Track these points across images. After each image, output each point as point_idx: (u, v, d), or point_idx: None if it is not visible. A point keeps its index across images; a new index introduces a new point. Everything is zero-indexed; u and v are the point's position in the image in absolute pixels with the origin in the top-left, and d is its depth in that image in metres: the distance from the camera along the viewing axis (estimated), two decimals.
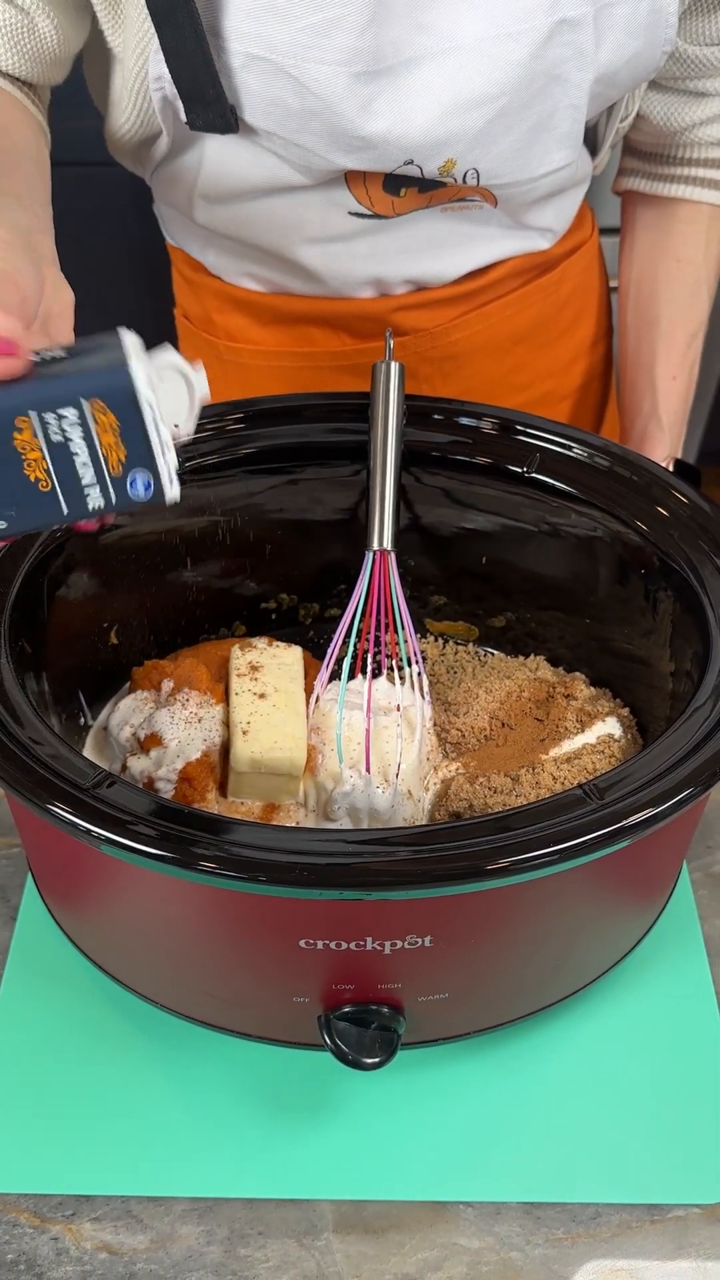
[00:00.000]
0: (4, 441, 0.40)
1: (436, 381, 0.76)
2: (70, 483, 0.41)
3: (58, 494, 0.41)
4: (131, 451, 0.41)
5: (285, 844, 0.43)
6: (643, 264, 0.78)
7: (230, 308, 0.76)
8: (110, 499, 0.42)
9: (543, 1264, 0.49)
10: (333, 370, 0.76)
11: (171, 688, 0.60)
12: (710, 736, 0.47)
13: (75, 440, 0.40)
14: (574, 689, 0.63)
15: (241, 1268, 0.49)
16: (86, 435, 0.40)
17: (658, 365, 0.76)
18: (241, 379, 0.78)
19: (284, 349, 0.76)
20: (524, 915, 0.48)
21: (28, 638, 0.54)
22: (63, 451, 0.40)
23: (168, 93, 0.61)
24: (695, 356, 0.77)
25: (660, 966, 0.59)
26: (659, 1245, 0.50)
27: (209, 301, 0.77)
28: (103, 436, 0.41)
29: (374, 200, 0.66)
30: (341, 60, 0.57)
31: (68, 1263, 0.49)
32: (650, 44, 0.63)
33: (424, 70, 0.58)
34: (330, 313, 0.73)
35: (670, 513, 0.58)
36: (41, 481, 0.41)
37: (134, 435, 0.41)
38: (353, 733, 0.58)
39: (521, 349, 0.77)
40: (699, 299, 0.77)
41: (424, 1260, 0.49)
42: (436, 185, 0.65)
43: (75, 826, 0.43)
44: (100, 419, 0.40)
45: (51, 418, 0.40)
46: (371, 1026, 0.49)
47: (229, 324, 0.77)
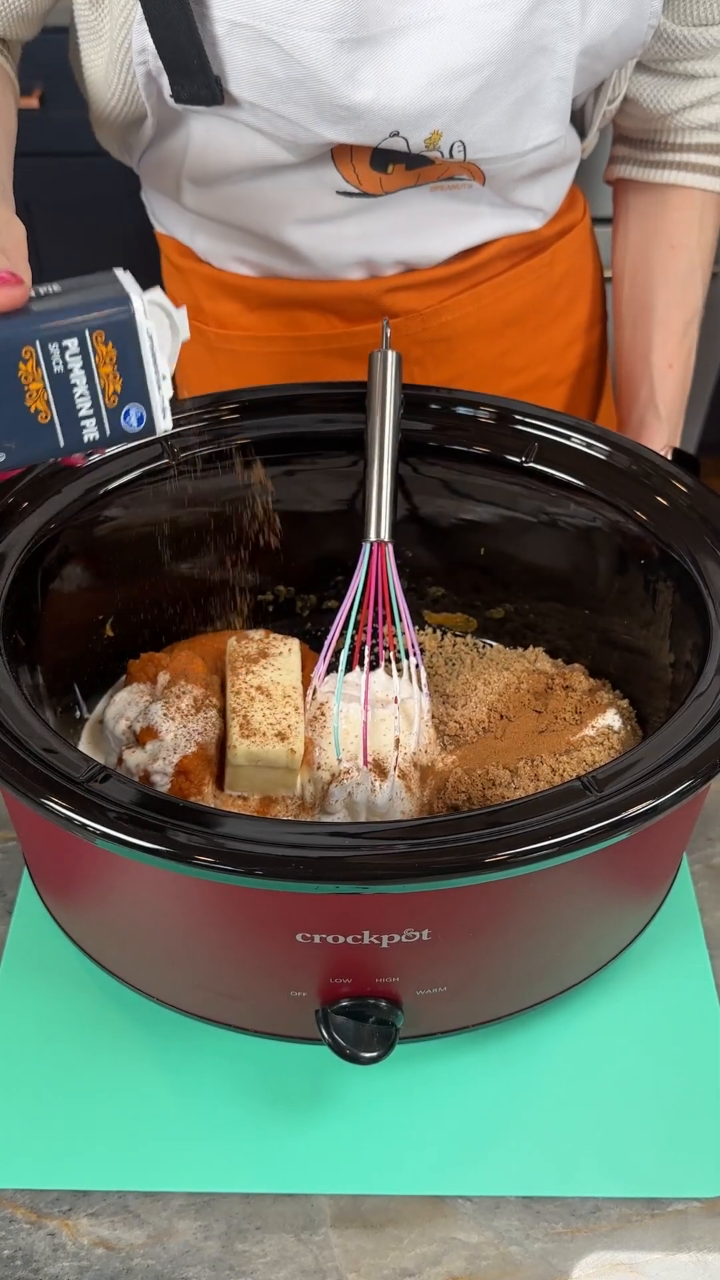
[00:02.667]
0: (9, 372, 0.40)
1: (429, 364, 0.76)
2: (68, 415, 0.42)
3: (56, 426, 0.42)
4: (127, 384, 0.42)
5: (282, 837, 0.42)
6: (636, 252, 0.78)
7: (220, 293, 0.76)
8: (105, 431, 0.43)
9: (542, 1258, 0.49)
10: (324, 354, 0.76)
11: (168, 680, 0.59)
12: (710, 728, 0.46)
13: (75, 371, 0.41)
14: (573, 681, 0.63)
15: (239, 1262, 0.49)
16: (86, 366, 0.41)
17: (654, 353, 0.76)
18: (232, 366, 0.78)
19: (274, 334, 0.75)
20: (522, 909, 0.47)
21: (22, 630, 0.53)
22: (63, 383, 0.41)
23: (151, 67, 0.60)
24: (691, 344, 0.77)
25: (660, 959, 0.59)
26: (659, 1239, 0.50)
27: (198, 288, 0.77)
28: (101, 368, 0.42)
29: (361, 178, 0.66)
30: (325, 26, 0.56)
31: (64, 1258, 0.49)
32: (636, 16, 0.62)
33: (409, 39, 0.58)
34: (320, 295, 0.73)
35: (670, 502, 0.58)
36: (41, 413, 0.42)
37: (130, 368, 0.42)
38: (350, 725, 0.58)
39: (514, 331, 0.77)
40: (693, 285, 0.76)
41: (422, 1255, 0.49)
42: (424, 162, 0.65)
43: (70, 821, 0.43)
44: (100, 350, 0.41)
45: (55, 348, 0.41)
46: (369, 1020, 0.48)
47: (219, 310, 0.76)
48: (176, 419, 0.61)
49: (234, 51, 0.58)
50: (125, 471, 0.59)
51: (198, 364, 0.80)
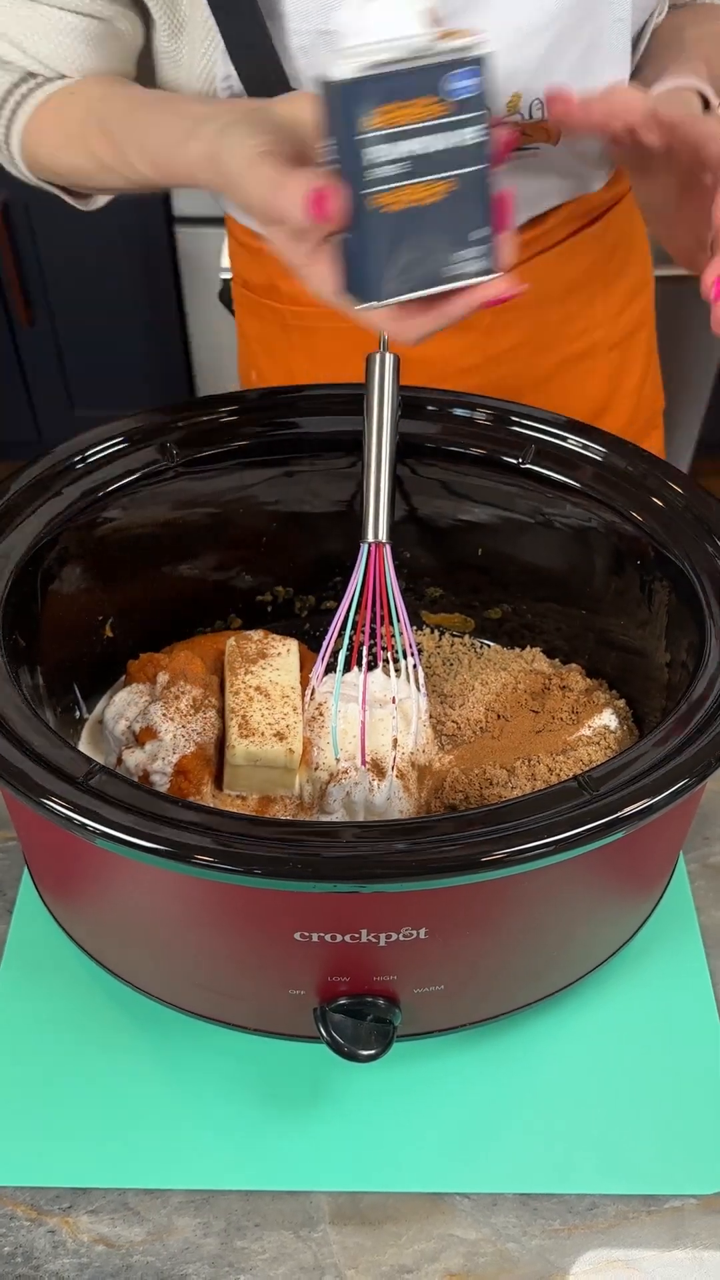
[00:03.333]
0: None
1: (497, 332, 0.77)
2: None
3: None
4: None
5: (280, 837, 0.43)
6: (665, 27, 0.74)
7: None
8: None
9: (539, 1255, 0.49)
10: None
11: (167, 681, 0.60)
12: (706, 727, 0.47)
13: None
14: (570, 681, 0.63)
15: (238, 1259, 0.49)
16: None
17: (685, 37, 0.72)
18: (304, 342, 0.79)
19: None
20: (519, 907, 0.47)
21: (22, 631, 0.53)
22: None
23: (235, 88, 0.61)
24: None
25: (657, 957, 0.59)
26: (656, 1236, 0.50)
27: (272, 268, 0.77)
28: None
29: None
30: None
31: (64, 1255, 0.49)
32: None
33: (484, 9, 0.59)
34: None
35: (666, 503, 0.58)
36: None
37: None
38: (348, 725, 0.58)
39: (574, 299, 0.78)
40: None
41: (421, 1251, 0.50)
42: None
43: (69, 820, 0.43)
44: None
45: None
46: (367, 1019, 0.49)
47: (294, 288, 0.77)
48: (177, 421, 0.61)
49: (315, 64, 0.59)
50: (125, 473, 0.59)
51: (269, 342, 0.81)
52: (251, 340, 0.84)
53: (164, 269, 1.60)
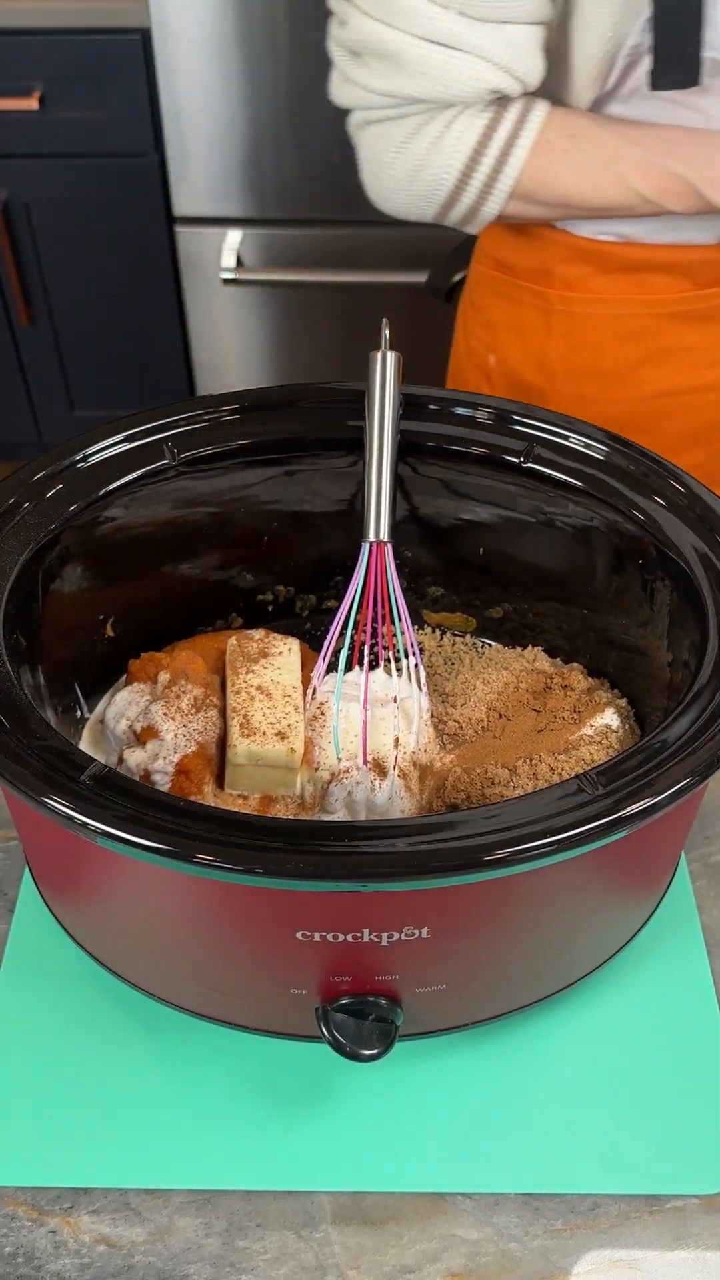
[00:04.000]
0: None
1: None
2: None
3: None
4: None
5: (281, 836, 0.43)
6: None
7: (574, 258, 0.78)
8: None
9: (541, 1255, 0.49)
10: (669, 317, 0.78)
11: (168, 680, 0.60)
12: (707, 726, 0.46)
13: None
14: (571, 680, 0.63)
15: (240, 1259, 0.49)
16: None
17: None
18: (565, 328, 0.80)
19: (623, 296, 0.78)
20: (521, 907, 0.47)
21: (23, 630, 0.53)
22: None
23: (636, 57, 0.63)
24: None
25: (659, 957, 0.59)
26: (657, 1236, 0.50)
27: (549, 252, 0.79)
28: None
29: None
30: None
31: (66, 1255, 0.49)
32: None
33: None
34: (673, 260, 0.75)
35: (667, 502, 0.58)
36: None
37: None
38: (350, 725, 0.58)
39: None
40: None
41: (422, 1251, 0.49)
42: None
43: (71, 819, 0.43)
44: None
45: None
46: (369, 1018, 0.49)
47: (568, 274, 0.79)
48: (177, 421, 0.61)
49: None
50: (126, 472, 0.59)
51: (524, 327, 0.83)
52: (500, 327, 0.85)
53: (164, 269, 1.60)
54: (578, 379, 0.83)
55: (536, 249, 0.79)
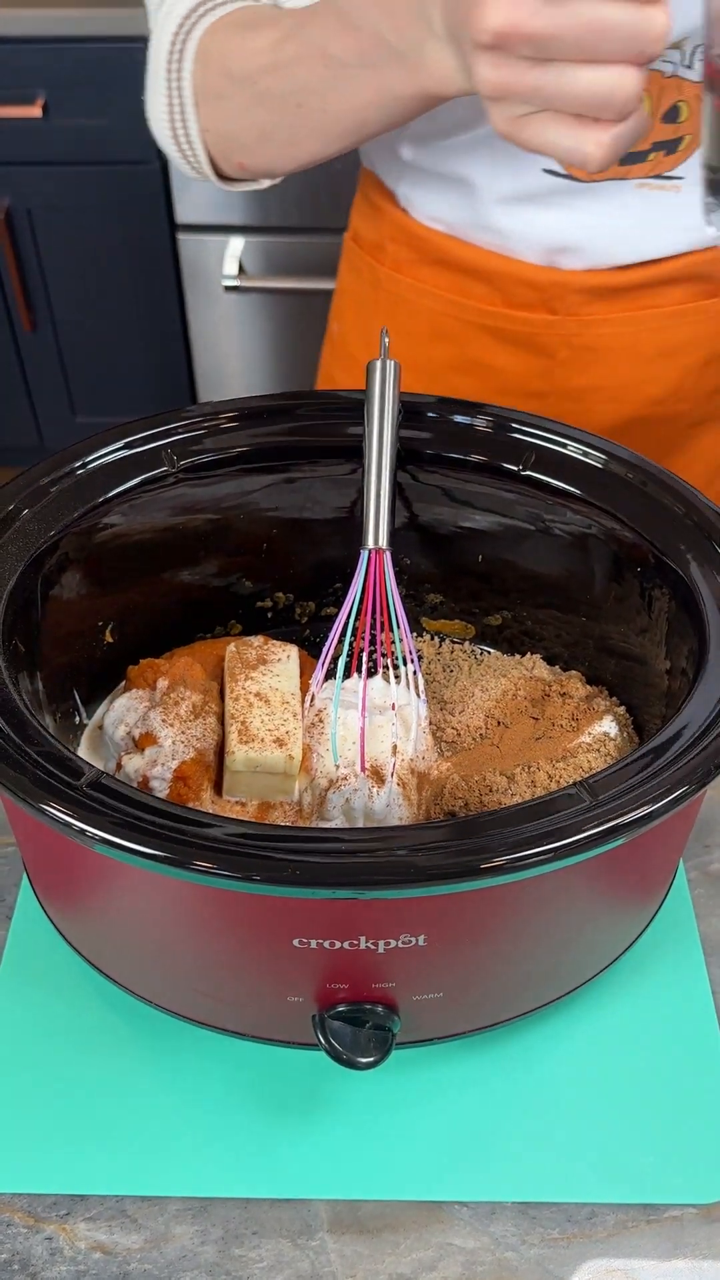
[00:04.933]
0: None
1: (573, 367, 0.76)
2: None
3: None
4: None
5: (279, 843, 0.43)
6: None
7: (404, 239, 0.77)
8: None
9: (538, 1264, 0.49)
10: (477, 327, 0.76)
11: (167, 686, 0.60)
12: (705, 734, 0.47)
13: None
14: (570, 687, 0.63)
15: (236, 1267, 0.49)
16: None
17: None
18: (391, 307, 0.79)
19: (440, 292, 0.76)
20: (518, 914, 0.47)
21: (22, 636, 0.54)
22: None
23: None
24: None
25: (657, 965, 0.59)
26: (655, 1245, 0.50)
27: (385, 229, 0.78)
28: None
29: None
30: None
31: (62, 1262, 0.49)
32: None
33: None
34: (495, 270, 0.73)
35: (666, 509, 0.58)
36: None
37: None
38: (348, 732, 0.58)
39: (663, 363, 0.76)
40: None
41: (419, 1260, 0.49)
42: (637, 158, 0.65)
43: (68, 826, 0.43)
44: None
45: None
46: (366, 1026, 0.49)
47: (398, 254, 0.77)
48: (176, 428, 0.62)
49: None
50: (126, 479, 0.59)
51: (359, 297, 0.82)
52: (345, 294, 0.85)
53: (166, 275, 1.61)
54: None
55: (376, 222, 0.78)
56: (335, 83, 0.50)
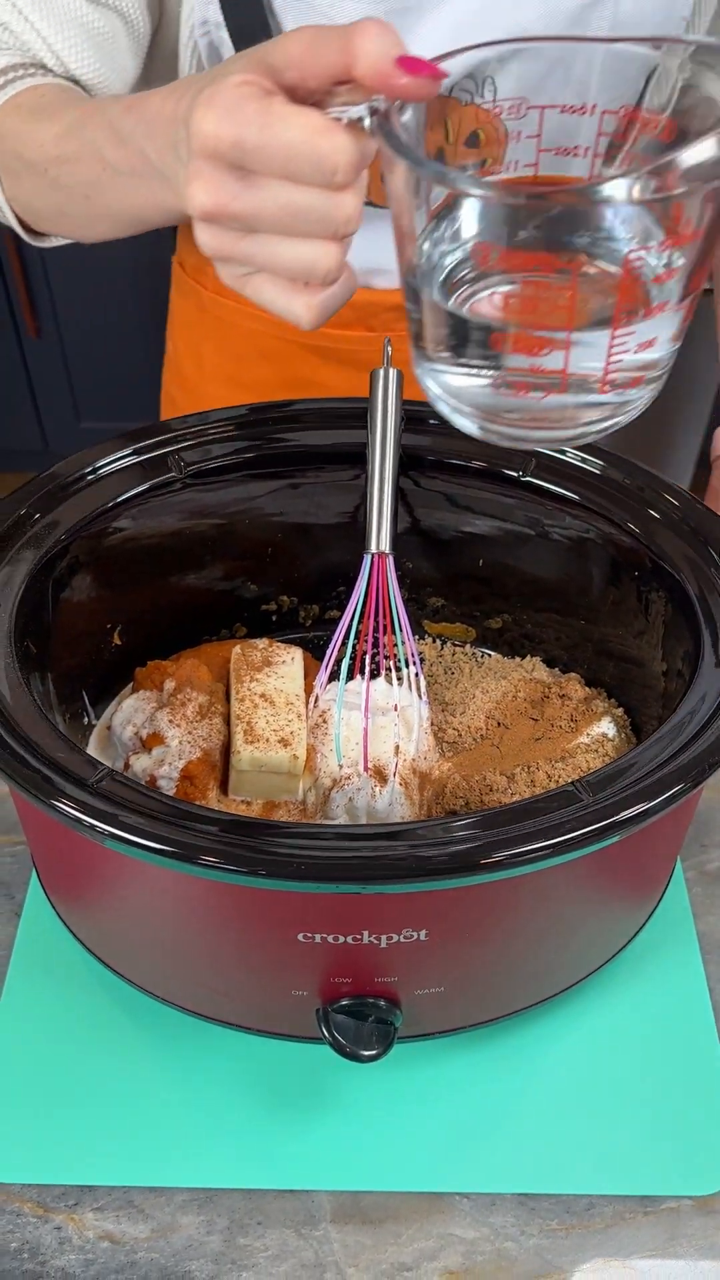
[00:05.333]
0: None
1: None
2: None
3: None
4: None
5: (284, 839, 0.44)
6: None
7: None
8: None
9: (537, 1254, 0.50)
10: (300, 347, 0.77)
11: (173, 687, 0.61)
12: (700, 733, 0.48)
13: None
14: (569, 689, 0.64)
15: (241, 1257, 0.50)
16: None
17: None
18: (217, 331, 0.80)
19: (260, 313, 0.76)
20: (517, 911, 0.48)
21: (33, 638, 0.55)
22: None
23: (214, 38, 0.61)
24: None
25: (655, 962, 0.60)
26: (652, 1236, 0.51)
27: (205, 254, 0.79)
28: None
29: (372, 188, 0.67)
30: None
31: (70, 1251, 0.50)
32: (668, 10, 0.64)
33: (450, 5, 0.60)
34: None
35: (662, 515, 0.59)
36: None
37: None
38: (351, 732, 0.59)
39: None
40: None
41: (420, 1250, 0.50)
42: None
43: (80, 822, 0.44)
44: None
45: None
46: (369, 1019, 0.49)
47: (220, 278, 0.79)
48: (183, 435, 0.63)
49: (286, 25, 0.59)
50: (135, 484, 0.60)
51: (188, 319, 0.83)
52: (176, 316, 0.86)
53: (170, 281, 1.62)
54: (227, 384, 0.82)
55: (196, 247, 0.79)
56: (113, 185, 0.52)
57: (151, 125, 0.47)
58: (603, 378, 0.41)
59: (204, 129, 0.38)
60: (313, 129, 0.37)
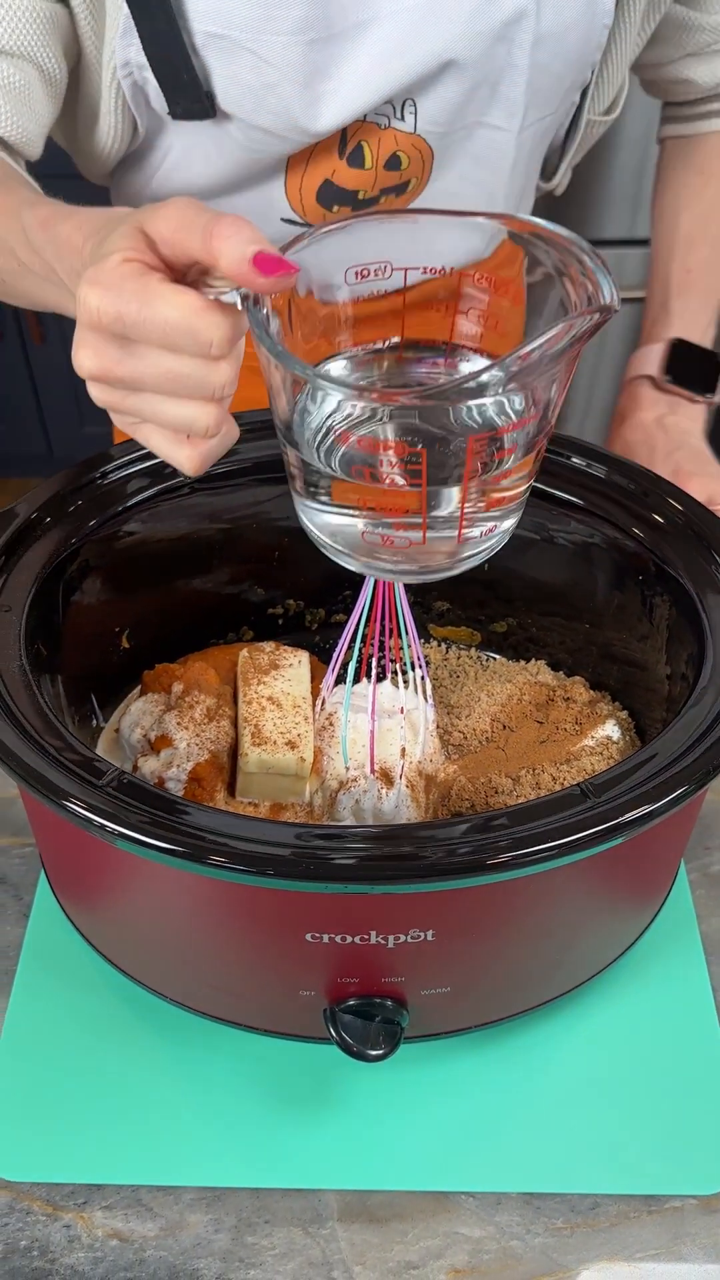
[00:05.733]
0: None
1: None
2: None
3: None
4: None
5: (292, 840, 0.44)
6: (671, 190, 0.83)
7: None
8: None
9: (542, 1252, 0.51)
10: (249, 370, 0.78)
11: (181, 690, 0.61)
12: (704, 736, 0.48)
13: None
14: (573, 692, 0.65)
15: (248, 1255, 0.50)
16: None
17: (673, 262, 0.80)
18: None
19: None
20: (523, 911, 0.49)
21: (44, 641, 0.55)
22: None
23: (136, 78, 0.62)
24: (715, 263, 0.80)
25: (659, 963, 0.60)
26: (656, 1235, 0.51)
27: None
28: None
29: (306, 210, 0.68)
30: (295, 30, 0.59)
31: (79, 1249, 0.50)
32: (590, 14, 0.65)
33: (373, 31, 0.60)
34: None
35: (666, 519, 0.59)
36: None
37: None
38: (357, 735, 0.60)
39: None
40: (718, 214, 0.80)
41: (426, 1249, 0.51)
42: (369, 204, 0.68)
43: (90, 822, 0.44)
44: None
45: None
46: (376, 1019, 0.50)
47: None
48: None
49: (211, 62, 0.60)
50: (144, 489, 0.61)
51: None
52: None
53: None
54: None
55: None
56: (26, 278, 0.55)
57: (60, 249, 0.49)
58: (459, 528, 0.45)
59: (89, 304, 0.40)
60: (189, 309, 0.40)
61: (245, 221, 0.41)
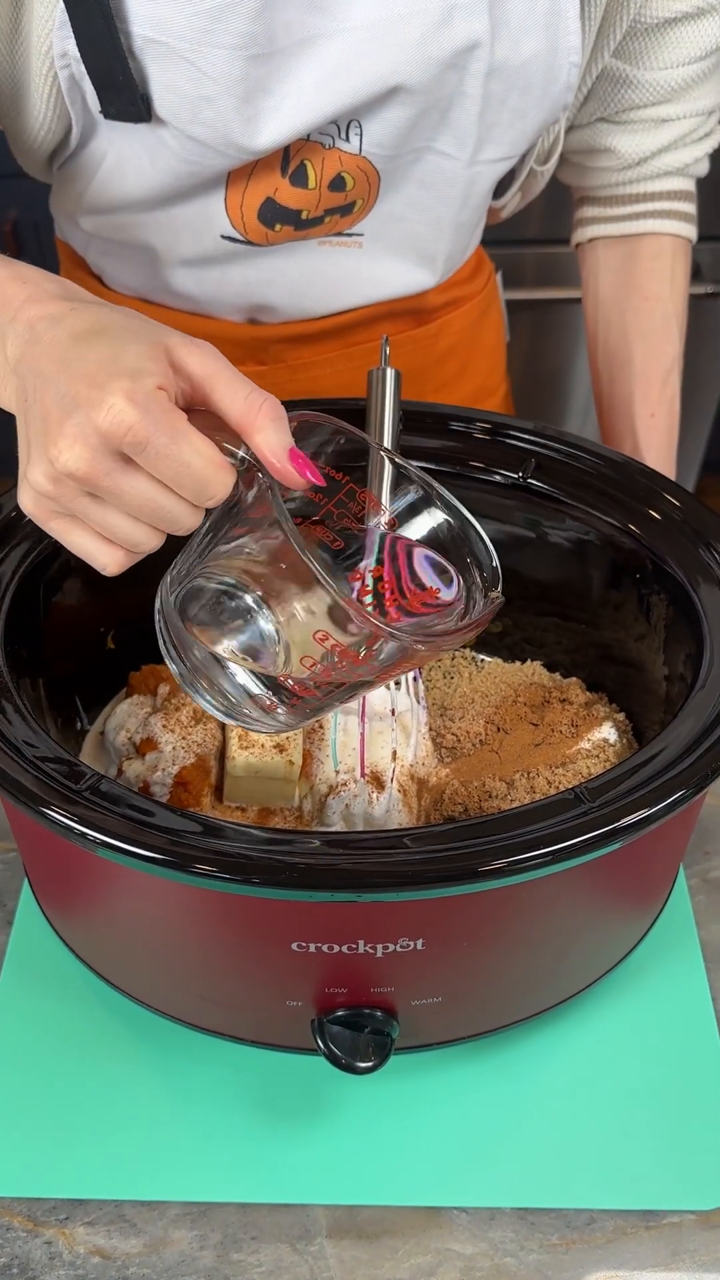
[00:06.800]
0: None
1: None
2: None
3: None
4: None
5: (278, 846, 0.43)
6: (609, 307, 0.79)
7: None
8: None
9: (537, 1270, 0.49)
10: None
11: (168, 692, 0.60)
12: (702, 739, 0.47)
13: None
14: (570, 694, 0.63)
15: (234, 1272, 0.49)
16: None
17: (635, 405, 0.77)
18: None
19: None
20: (517, 919, 0.48)
21: (24, 642, 0.54)
22: None
23: (74, 71, 0.60)
24: (674, 392, 0.77)
25: (657, 972, 0.59)
26: (653, 1251, 0.50)
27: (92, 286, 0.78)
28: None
29: (248, 228, 0.67)
30: (237, 44, 0.57)
31: (61, 1266, 0.49)
32: (551, 50, 0.63)
33: (317, 50, 0.59)
34: (200, 331, 0.72)
35: (663, 516, 0.58)
36: None
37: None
38: (348, 738, 0.58)
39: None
40: (670, 334, 0.77)
41: (417, 1266, 0.49)
42: (313, 223, 0.67)
43: (69, 830, 0.43)
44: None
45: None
46: (365, 1030, 0.49)
47: None
48: None
49: (148, 68, 0.59)
50: None
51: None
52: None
53: None
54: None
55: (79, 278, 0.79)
56: None
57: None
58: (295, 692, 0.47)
59: (123, 417, 0.40)
60: (211, 462, 0.41)
61: (282, 407, 0.43)
